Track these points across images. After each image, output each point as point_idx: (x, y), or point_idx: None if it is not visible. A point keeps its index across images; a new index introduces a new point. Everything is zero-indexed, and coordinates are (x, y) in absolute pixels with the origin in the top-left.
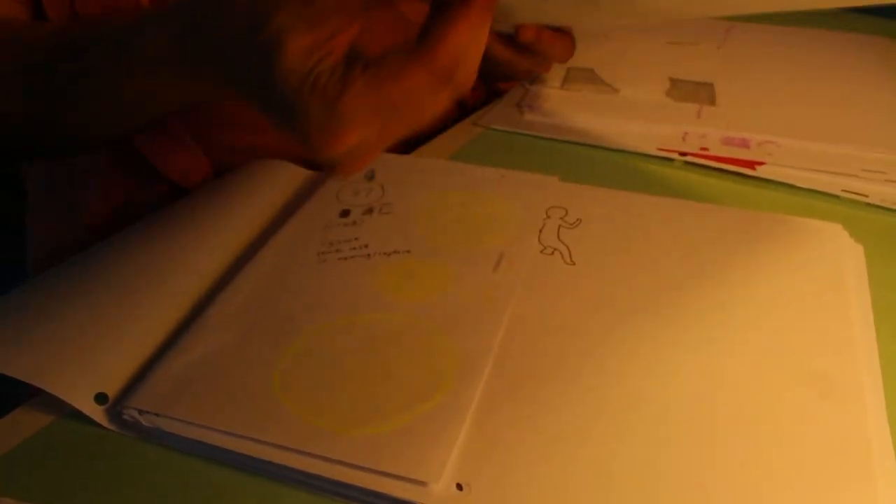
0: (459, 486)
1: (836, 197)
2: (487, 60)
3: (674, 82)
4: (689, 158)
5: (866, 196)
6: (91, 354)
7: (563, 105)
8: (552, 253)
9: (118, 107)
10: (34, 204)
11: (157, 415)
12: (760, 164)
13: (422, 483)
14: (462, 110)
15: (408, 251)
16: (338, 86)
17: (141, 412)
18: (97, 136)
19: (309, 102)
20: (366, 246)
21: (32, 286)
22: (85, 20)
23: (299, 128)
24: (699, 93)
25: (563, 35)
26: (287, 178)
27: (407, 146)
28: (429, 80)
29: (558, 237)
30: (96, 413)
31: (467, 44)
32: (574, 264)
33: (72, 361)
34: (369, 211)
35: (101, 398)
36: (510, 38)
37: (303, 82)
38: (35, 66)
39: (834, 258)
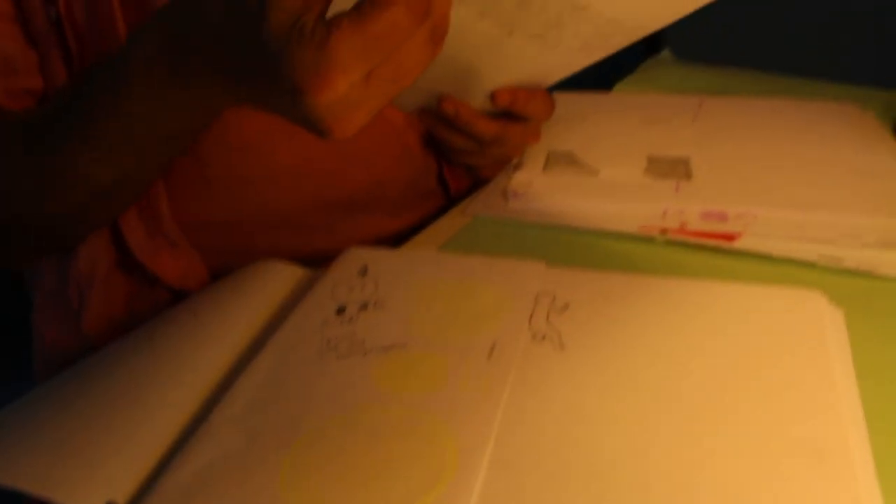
0: None
1: (814, 264)
2: (479, 146)
3: (651, 160)
4: (669, 236)
5: (843, 261)
6: (98, 464)
7: (546, 190)
8: (543, 339)
9: (120, 147)
10: (38, 309)
11: None
12: (738, 235)
13: None
14: (449, 199)
15: (403, 345)
16: (323, 30)
17: None
18: (107, 196)
19: (297, 49)
20: (362, 342)
21: (35, 396)
22: (72, 80)
23: (290, 77)
24: (676, 168)
25: (538, 92)
26: (283, 277)
27: (398, 239)
28: (409, 14)
29: (548, 322)
30: None
31: None
32: (564, 349)
33: (80, 472)
34: (364, 307)
35: None
36: (494, 115)
37: (290, 34)
38: (36, 135)
39: (815, 324)
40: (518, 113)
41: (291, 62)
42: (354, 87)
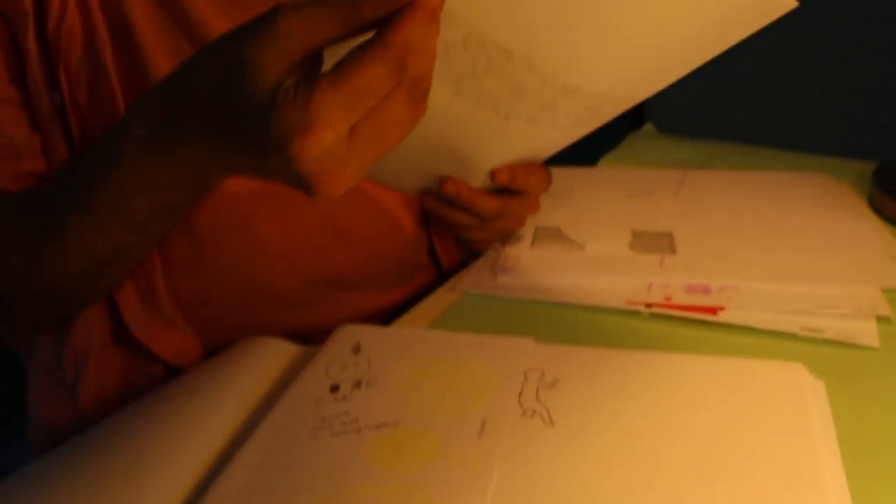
0: None
1: (795, 335)
2: (481, 222)
3: (636, 235)
4: (654, 310)
5: (823, 332)
6: None
7: (534, 265)
8: (532, 415)
9: (117, 217)
10: (33, 384)
11: None
12: (721, 309)
13: None
14: (441, 272)
15: (396, 423)
16: (306, 91)
17: None
18: (106, 265)
19: (283, 109)
20: (356, 420)
21: (31, 472)
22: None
23: (277, 135)
24: (660, 243)
25: (535, 166)
26: (276, 354)
27: (390, 313)
28: (385, 70)
29: (537, 398)
30: None
31: (414, 36)
32: (553, 425)
33: None
34: (357, 385)
35: None
36: (494, 191)
37: (275, 97)
38: (36, 208)
39: (797, 397)
40: (518, 188)
41: (277, 121)
42: (339, 142)
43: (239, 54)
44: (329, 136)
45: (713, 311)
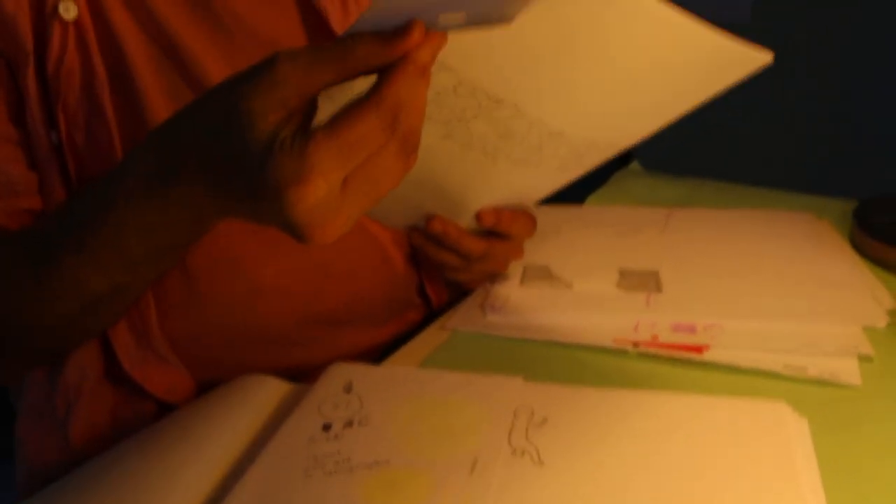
0: None
1: (779, 373)
2: (466, 263)
3: (623, 273)
4: (641, 349)
5: (806, 370)
6: None
7: (523, 303)
8: (522, 454)
9: (114, 257)
10: (22, 421)
11: None
12: (707, 347)
13: None
14: (431, 310)
15: (388, 461)
16: (302, 141)
17: None
18: (102, 303)
19: (279, 157)
20: (348, 459)
21: None
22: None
23: (273, 183)
24: (646, 281)
25: (521, 212)
26: (269, 392)
27: (381, 350)
28: (378, 123)
29: (526, 437)
30: None
31: (406, 92)
32: (543, 463)
33: None
34: (349, 423)
35: None
36: (480, 233)
37: (272, 145)
38: (33, 246)
39: (781, 435)
40: (502, 232)
41: (273, 170)
42: (332, 192)
43: (237, 101)
44: (323, 187)
45: (699, 349)
